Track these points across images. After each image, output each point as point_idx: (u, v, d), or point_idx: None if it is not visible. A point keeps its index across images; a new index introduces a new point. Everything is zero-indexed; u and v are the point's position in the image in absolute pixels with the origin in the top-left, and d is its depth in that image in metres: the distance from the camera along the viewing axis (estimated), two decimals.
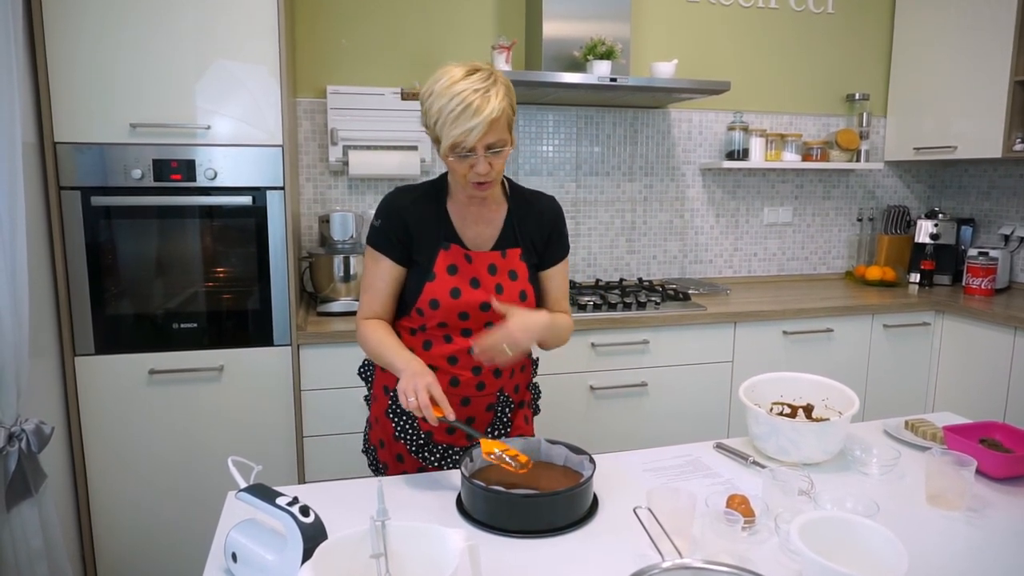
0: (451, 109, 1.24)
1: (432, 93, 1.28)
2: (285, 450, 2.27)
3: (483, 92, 1.25)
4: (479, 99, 1.24)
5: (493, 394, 1.48)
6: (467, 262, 1.40)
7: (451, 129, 1.25)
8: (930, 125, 3.18)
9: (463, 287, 1.39)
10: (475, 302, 1.39)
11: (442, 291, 1.38)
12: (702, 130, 3.18)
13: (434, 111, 1.27)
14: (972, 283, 2.98)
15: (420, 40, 2.80)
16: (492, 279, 1.41)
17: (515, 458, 1.23)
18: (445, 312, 1.39)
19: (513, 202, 1.48)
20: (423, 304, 1.39)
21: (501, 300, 1.39)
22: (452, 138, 1.26)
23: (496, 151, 1.30)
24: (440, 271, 1.38)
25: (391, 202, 1.42)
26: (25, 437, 1.60)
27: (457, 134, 1.25)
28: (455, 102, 1.24)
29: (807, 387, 1.56)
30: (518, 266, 1.44)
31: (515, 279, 1.44)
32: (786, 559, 1.07)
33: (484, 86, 1.25)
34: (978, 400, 2.71)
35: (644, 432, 2.59)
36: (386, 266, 1.42)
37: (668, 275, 3.26)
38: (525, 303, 1.44)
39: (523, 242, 1.46)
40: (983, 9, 2.89)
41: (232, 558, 1.04)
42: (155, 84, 2.02)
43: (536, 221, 1.49)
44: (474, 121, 1.23)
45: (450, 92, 1.25)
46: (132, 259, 2.10)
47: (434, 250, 1.39)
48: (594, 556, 1.08)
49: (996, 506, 1.25)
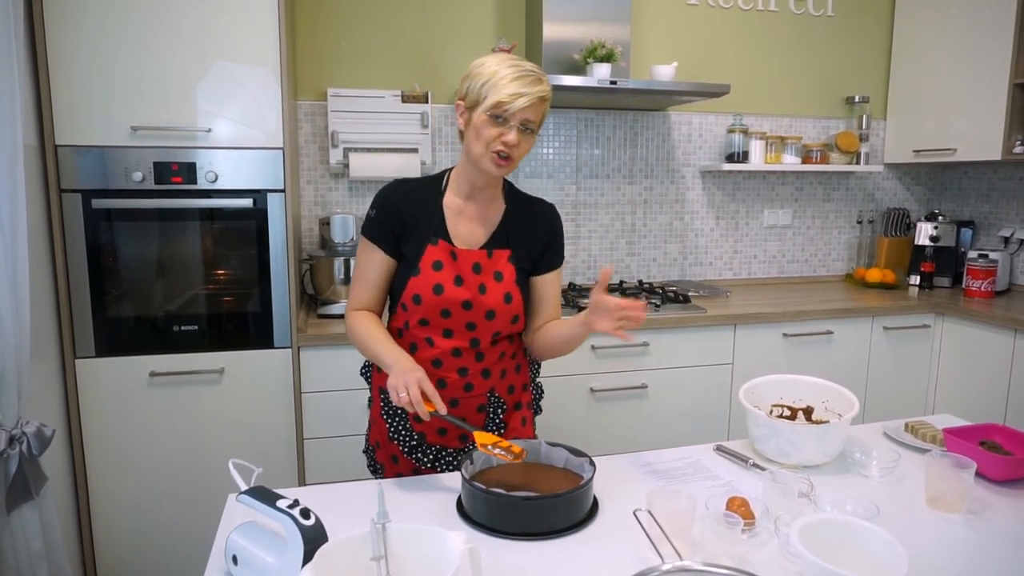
0: (505, 76, 1.29)
1: (484, 63, 1.33)
2: (285, 452, 2.28)
3: (536, 76, 1.32)
4: (534, 78, 1.31)
5: (483, 395, 1.47)
6: (452, 259, 1.40)
7: (501, 90, 1.28)
8: (930, 127, 3.19)
9: (446, 284, 1.38)
10: (457, 300, 1.39)
11: (425, 286, 1.38)
12: (702, 132, 3.19)
13: (487, 72, 1.31)
14: (972, 285, 2.98)
15: (420, 43, 2.80)
16: (476, 278, 1.40)
17: (508, 449, 1.23)
18: (427, 308, 1.38)
19: (511, 204, 1.48)
20: (407, 299, 1.39)
21: (484, 301, 1.40)
22: (501, 96, 1.28)
23: (527, 132, 1.33)
24: (425, 266, 1.38)
25: (388, 194, 1.43)
26: (26, 439, 1.60)
27: (507, 94, 1.28)
28: (510, 73, 1.29)
29: (807, 389, 1.56)
30: (505, 268, 1.43)
31: (500, 280, 1.42)
32: (786, 561, 1.07)
33: (538, 72, 1.33)
34: (978, 402, 2.71)
35: (644, 434, 2.59)
36: (378, 257, 1.42)
37: (668, 277, 3.26)
38: (510, 306, 1.42)
39: (515, 245, 1.45)
40: (983, 11, 2.89)
41: (233, 560, 1.04)
42: (156, 87, 2.03)
43: (533, 226, 1.48)
44: (527, 88, 1.29)
45: (506, 63, 1.31)
46: (133, 261, 2.10)
47: (422, 244, 1.40)
48: (594, 558, 1.08)
49: (996, 509, 1.25)
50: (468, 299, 1.39)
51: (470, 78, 1.34)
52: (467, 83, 1.34)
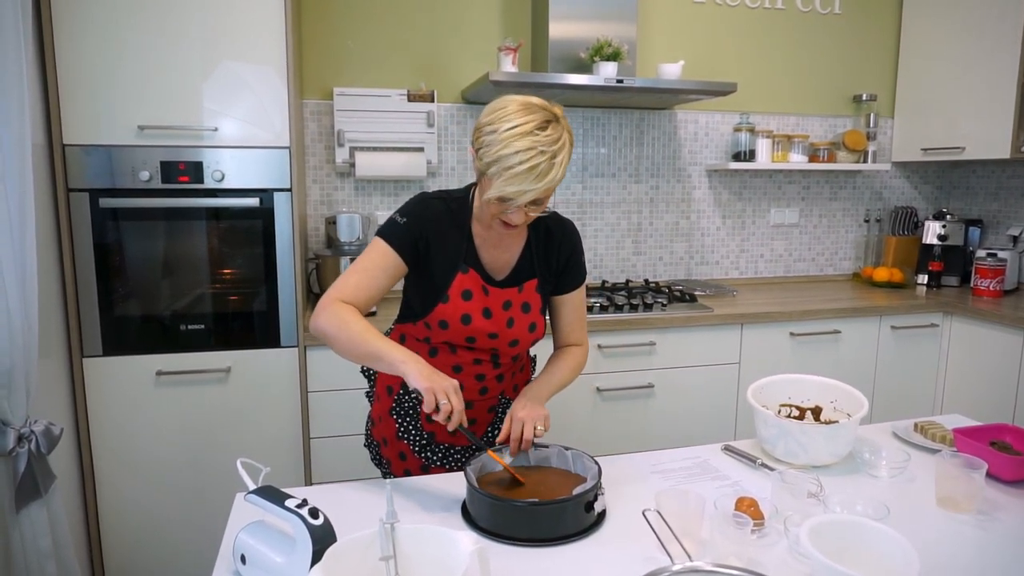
0: (512, 165, 1.18)
1: (495, 132, 1.20)
2: (292, 451, 2.28)
3: (550, 157, 1.18)
4: (545, 163, 1.18)
5: (495, 397, 1.49)
6: (483, 293, 1.37)
7: (506, 185, 1.19)
8: (938, 126, 3.17)
9: (475, 315, 1.37)
10: (484, 331, 1.38)
11: (453, 315, 1.36)
12: (708, 131, 3.18)
13: (492, 154, 1.19)
14: (980, 284, 2.96)
15: (426, 41, 2.80)
16: (505, 314, 1.40)
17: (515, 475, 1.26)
18: (452, 334, 1.38)
19: (533, 229, 1.44)
20: (432, 321, 1.37)
21: (511, 333, 1.39)
22: (504, 193, 1.20)
23: (538, 204, 1.27)
24: (455, 295, 1.36)
25: (424, 208, 1.37)
26: (34, 438, 1.60)
27: (511, 191, 1.20)
28: (519, 159, 1.17)
29: (815, 389, 1.56)
30: (532, 298, 1.42)
31: (527, 312, 1.42)
32: (796, 562, 1.06)
33: (553, 150, 1.19)
34: (987, 402, 2.70)
35: (650, 434, 2.58)
36: (393, 260, 1.34)
37: (674, 276, 3.25)
38: (534, 334, 1.43)
39: (540, 271, 1.43)
40: (991, 8, 2.87)
41: (241, 560, 1.04)
42: (163, 86, 2.03)
43: (555, 248, 1.45)
44: (533, 185, 1.19)
45: (517, 145, 1.17)
46: (140, 261, 2.10)
47: (452, 270, 1.36)
48: (603, 558, 1.08)
49: (1007, 509, 1.24)
50: (495, 332, 1.39)
51: (482, 141, 1.23)
52: (478, 143, 1.24)
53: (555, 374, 1.46)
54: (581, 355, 1.52)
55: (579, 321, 1.52)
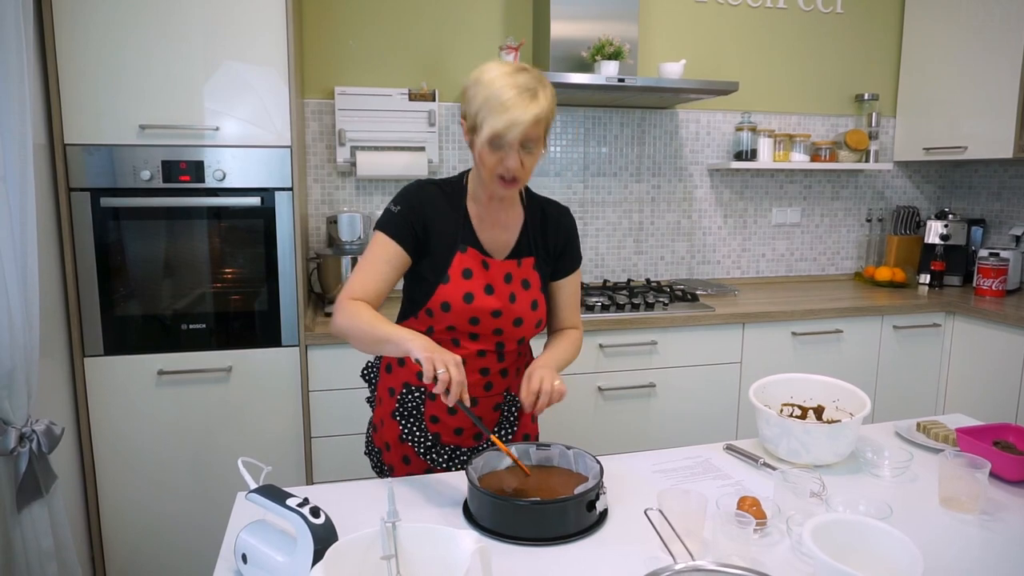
0: (499, 99, 1.24)
1: (479, 82, 1.28)
2: (293, 451, 2.28)
3: (531, 92, 1.26)
4: (528, 96, 1.25)
5: (500, 394, 1.48)
6: (484, 268, 1.39)
7: (495, 119, 1.25)
8: (940, 125, 3.16)
9: (476, 292, 1.37)
10: (487, 308, 1.38)
11: (455, 295, 1.36)
12: (710, 130, 3.17)
13: (480, 99, 1.27)
14: (983, 284, 2.96)
15: (428, 41, 2.80)
16: (507, 288, 1.40)
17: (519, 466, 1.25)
18: (455, 316, 1.37)
19: (529, 210, 1.47)
20: (434, 305, 1.37)
21: (514, 309, 1.39)
22: (494, 128, 1.25)
23: (529, 150, 1.30)
24: (455, 274, 1.37)
25: (415, 193, 1.40)
26: (36, 438, 1.60)
27: (500, 125, 1.25)
28: (504, 93, 1.24)
29: (817, 388, 1.55)
30: (531, 275, 1.44)
31: (528, 288, 1.43)
32: (798, 562, 1.06)
33: (534, 87, 1.27)
34: (990, 402, 2.69)
35: (652, 433, 2.58)
36: (395, 251, 1.36)
37: (676, 276, 3.25)
38: (536, 312, 1.44)
39: (537, 251, 1.46)
40: (993, 8, 2.87)
41: (242, 559, 1.04)
42: (164, 85, 2.03)
43: (552, 231, 1.48)
44: (520, 115, 1.24)
45: (500, 83, 1.26)
46: (141, 260, 2.10)
47: (451, 251, 1.38)
48: (605, 558, 1.07)
49: (1010, 509, 1.24)
50: (498, 308, 1.38)
51: (468, 98, 1.31)
52: (466, 103, 1.31)
53: (559, 350, 1.48)
54: (578, 337, 1.56)
55: (575, 305, 1.56)
